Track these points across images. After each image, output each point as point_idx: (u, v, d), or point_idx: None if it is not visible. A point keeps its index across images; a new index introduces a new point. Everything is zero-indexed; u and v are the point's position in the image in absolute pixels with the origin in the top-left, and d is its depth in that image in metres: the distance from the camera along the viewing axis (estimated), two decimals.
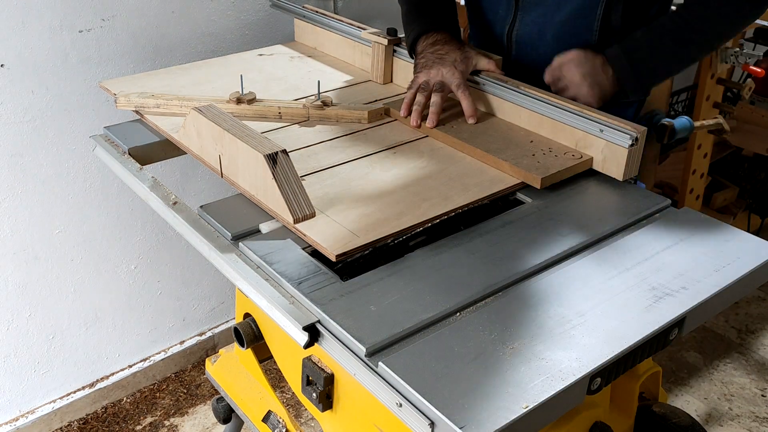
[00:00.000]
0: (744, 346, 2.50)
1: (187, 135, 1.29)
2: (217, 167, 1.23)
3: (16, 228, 1.89)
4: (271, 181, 1.08)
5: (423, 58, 1.45)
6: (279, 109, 1.43)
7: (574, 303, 0.97)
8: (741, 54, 2.29)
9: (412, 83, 1.43)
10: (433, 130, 1.36)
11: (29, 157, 1.84)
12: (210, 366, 1.48)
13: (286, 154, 1.09)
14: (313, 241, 1.05)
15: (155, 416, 2.22)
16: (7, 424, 2.06)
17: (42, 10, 1.73)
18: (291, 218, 1.08)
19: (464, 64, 1.41)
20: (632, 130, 1.20)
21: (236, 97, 1.43)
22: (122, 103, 1.45)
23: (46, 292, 2.01)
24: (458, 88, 1.39)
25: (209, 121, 1.20)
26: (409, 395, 0.83)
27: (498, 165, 1.25)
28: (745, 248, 1.08)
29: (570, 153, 1.27)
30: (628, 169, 1.22)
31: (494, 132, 1.35)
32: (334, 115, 1.43)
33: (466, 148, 1.30)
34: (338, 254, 1.02)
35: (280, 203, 1.09)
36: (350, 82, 1.63)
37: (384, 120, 1.44)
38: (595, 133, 1.24)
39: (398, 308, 0.95)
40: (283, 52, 1.78)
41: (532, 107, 1.34)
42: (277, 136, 1.37)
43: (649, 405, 1.25)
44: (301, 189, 1.10)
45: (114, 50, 1.87)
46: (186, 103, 1.41)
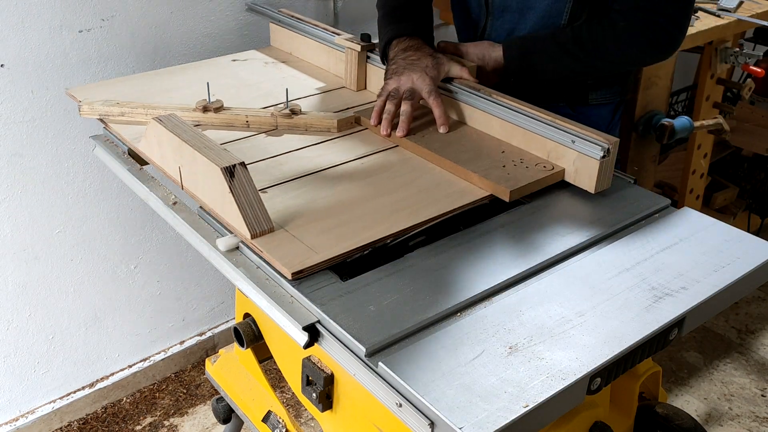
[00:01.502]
0: (744, 346, 2.50)
1: (149, 145, 1.26)
2: (177, 179, 1.19)
3: (16, 228, 1.89)
4: (228, 194, 1.05)
5: (394, 64, 1.42)
6: (246, 117, 1.39)
7: (574, 303, 0.97)
8: (741, 54, 2.29)
9: (382, 90, 1.40)
10: (403, 140, 1.33)
11: (29, 157, 1.84)
12: (210, 366, 1.48)
13: (245, 167, 1.06)
14: (269, 258, 1.02)
15: (155, 416, 2.22)
16: (7, 424, 2.06)
17: (42, 10, 1.73)
18: (248, 233, 1.05)
19: (436, 71, 1.39)
20: (604, 141, 1.16)
21: (203, 106, 1.39)
22: (86, 111, 1.41)
23: (46, 292, 2.01)
24: (429, 95, 1.36)
25: (169, 132, 1.16)
26: (408, 395, 0.83)
27: (467, 176, 1.22)
28: (745, 248, 1.08)
29: (541, 164, 1.23)
30: (600, 182, 1.18)
31: (465, 141, 1.32)
32: (302, 124, 1.39)
33: (436, 158, 1.27)
34: (294, 272, 0.98)
35: (237, 218, 1.05)
36: (323, 88, 1.59)
37: (354, 128, 1.41)
38: (566, 144, 1.21)
39: (398, 308, 0.95)
40: (258, 58, 1.75)
41: (504, 116, 1.31)
42: (244, 145, 1.34)
43: (651, 405, 1.24)
44: (260, 203, 1.06)
45: (114, 50, 1.87)
46: (151, 112, 1.38)
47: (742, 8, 2.34)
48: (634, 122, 2.03)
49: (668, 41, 1.37)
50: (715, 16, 2.24)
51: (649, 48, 1.37)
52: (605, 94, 1.56)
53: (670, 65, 2.03)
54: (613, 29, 1.36)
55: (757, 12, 2.31)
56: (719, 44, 2.29)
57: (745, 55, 2.28)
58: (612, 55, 1.38)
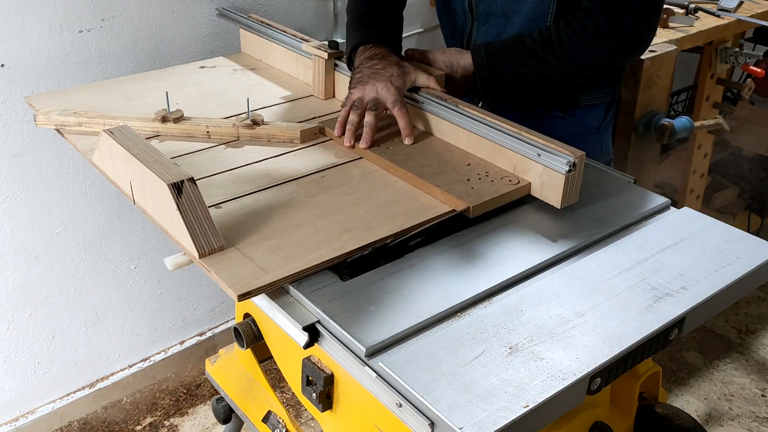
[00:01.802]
0: (744, 346, 2.50)
1: (102, 157, 1.22)
2: (129, 193, 1.16)
3: (17, 228, 1.89)
4: (176, 211, 1.01)
5: (359, 73, 1.38)
6: (207, 128, 1.36)
7: (574, 303, 0.97)
8: (741, 54, 2.29)
9: (346, 100, 1.36)
10: (367, 151, 1.29)
11: (29, 157, 1.84)
12: (210, 366, 1.48)
13: (194, 183, 1.02)
14: (216, 278, 0.99)
15: (155, 416, 2.22)
16: (7, 424, 2.06)
17: (42, 10, 1.73)
18: (196, 252, 1.02)
19: (401, 80, 1.35)
20: (570, 154, 1.12)
21: (162, 116, 1.36)
22: (41, 121, 1.37)
23: (46, 292, 2.01)
24: (394, 105, 1.32)
25: (119, 145, 1.12)
26: (408, 395, 0.83)
27: (430, 190, 1.18)
28: (745, 248, 1.08)
29: (507, 178, 1.19)
30: (566, 196, 1.14)
31: (431, 154, 1.28)
32: (264, 135, 1.36)
33: (399, 171, 1.23)
34: (240, 294, 0.95)
35: (185, 236, 1.02)
36: (291, 97, 1.56)
37: (319, 139, 1.37)
38: (532, 157, 1.17)
39: (398, 308, 0.95)
40: (226, 65, 1.72)
41: (471, 128, 1.27)
42: (203, 157, 1.31)
43: (651, 405, 1.24)
44: (209, 220, 1.03)
45: (114, 50, 1.87)
46: (109, 122, 1.34)
47: (742, 8, 2.34)
48: (634, 122, 2.03)
49: (637, 38, 1.34)
50: (715, 16, 2.24)
51: (617, 47, 1.34)
52: (596, 94, 1.54)
53: (671, 65, 2.03)
54: (582, 30, 1.33)
55: (757, 12, 2.31)
56: (719, 44, 2.29)
57: (745, 55, 2.28)
58: (582, 56, 1.35)
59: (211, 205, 1.13)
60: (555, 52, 1.34)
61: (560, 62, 1.35)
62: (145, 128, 1.37)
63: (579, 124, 1.56)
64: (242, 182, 1.23)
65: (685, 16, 2.20)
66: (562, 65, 1.36)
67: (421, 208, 1.15)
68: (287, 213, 1.13)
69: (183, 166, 1.16)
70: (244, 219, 1.12)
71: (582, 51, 1.34)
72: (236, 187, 1.21)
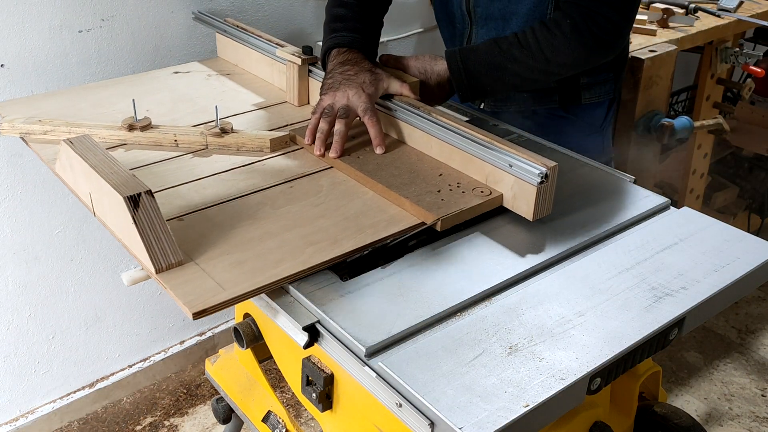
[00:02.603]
0: (744, 346, 2.50)
1: (63, 167, 1.18)
2: (89, 205, 1.12)
3: (16, 228, 1.89)
4: (132, 225, 0.98)
5: (330, 79, 1.35)
6: (175, 136, 1.32)
7: (574, 303, 0.97)
8: (741, 54, 2.29)
9: (317, 107, 1.32)
10: (337, 161, 1.26)
11: (29, 157, 1.84)
12: (210, 366, 1.48)
13: (151, 196, 0.99)
14: (172, 295, 0.96)
15: (155, 416, 2.22)
16: (7, 424, 2.06)
17: (42, 10, 1.73)
18: (152, 267, 0.98)
19: (373, 87, 1.31)
20: (542, 165, 1.08)
21: (128, 124, 1.33)
22: (6, 129, 1.34)
23: (46, 292, 2.01)
24: (365, 113, 1.29)
25: (78, 155, 1.09)
26: (408, 395, 0.83)
27: (400, 202, 1.15)
28: (745, 248, 1.08)
29: (479, 189, 1.16)
30: (538, 208, 1.10)
31: (402, 164, 1.25)
32: (234, 143, 1.32)
33: (369, 182, 1.20)
34: (195, 312, 0.92)
35: (142, 250, 0.99)
36: (264, 103, 1.52)
37: (289, 148, 1.33)
38: (504, 168, 1.13)
39: (398, 308, 0.95)
40: (200, 70, 1.68)
41: (443, 137, 1.23)
42: (169, 166, 1.27)
43: (650, 405, 1.24)
44: (167, 235, 0.99)
45: (114, 50, 1.87)
46: (75, 130, 1.30)
47: (742, 8, 2.34)
48: (634, 122, 2.03)
49: (614, 32, 1.32)
50: (715, 16, 2.24)
51: (595, 43, 1.31)
52: (598, 92, 1.54)
53: (671, 65, 2.03)
54: (558, 28, 1.31)
55: (757, 12, 2.31)
56: (719, 44, 2.29)
57: (745, 55, 2.28)
58: (560, 55, 1.31)
59: (173, 218, 1.10)
60: (533, 52, 1.31)
61: (539, 63, 1.32)
62: (112, 136, 1.33)
63: (581, 123, 1.56)
64: (207, 193, 1.19)
65: (685, 16, 2.20)
66: (541, 65, 1.33)
67: (389, 220, 1.12)
68: (252, 225, 1.10)
69: (146, 177, 1.15)
70: (207, 232, 1.08)
71: (560, 49, 1.31)
72: (200, 198, 1.17)
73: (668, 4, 2.24)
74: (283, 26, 2.13)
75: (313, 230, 1.09)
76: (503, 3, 1.43)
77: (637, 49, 1.98)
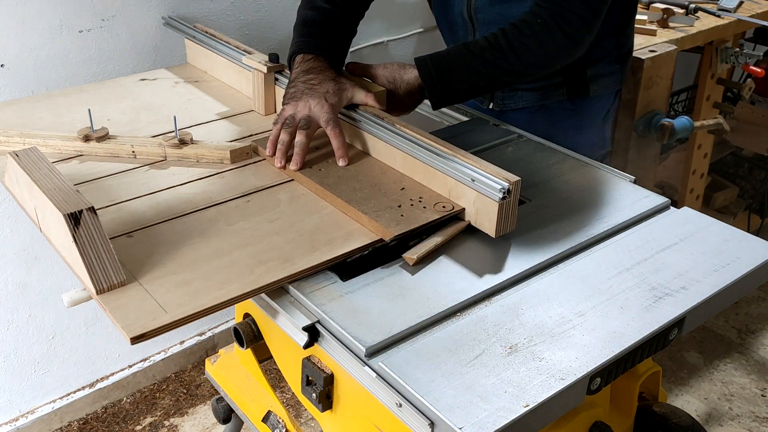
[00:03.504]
0: (744, 346, 2.50)
1: (11, 181, 1.14)
2: (35, 220, 1.08)
3: (16, 228, 1.89)
4: (72, 244, 0.94)
5: (293, 88, 1.31)
6: (132, 147, 1.29)
7: (574, 303, 0.97)
8: (741, 54, 2.29)
9: (279, 117, 1.29)
10: (298, 174, 1.23)
11: None
12: (210, 366, 1.48)
13: (94, 213, 0.95)
14: (111, 318, 0.92)
15: (155, 416, 2.22)
16: (7, 424, 2.06)
17: (42, 10, 1.73)
18: (93, 288, 0.95)
19: (336, 97, 1.28)
20: (504, 180, 1.05)
21: (84, 134, 1.29)
22: None
23: (46, 292, 2.01)
24: (327, 123, 1.25)
25: (22, 170, 1.05)
26: (408, 395, 0.83)
27: (358, 217, 1.11)
28: (745, 248, 1.08)
29: (441, 204, 1.13)
30: (500, 225, 1.06)
31: (364, 177, 1.21)
32: (193, 155, 1.28)
33: (329, 196, 1.16)
34: (134, 336, 0.89)
35: (82, 270, 0.95)
36: (229, 113, 1.48)
37: (251, 159, 1.30)
38: (466, 183, 1.10)
39: (398, 308, 0.95)
40: (168, 77, 1.65)
41: (406, 149, 1.20)
42: (124, 179, 1.23)
43: (650, 405, 1.25)
44: (110, 254, 0.95)
45: (114, 50, 1.87)
46: (29, 141, 1.26)
47: (742, 8, 2.34)
48: (634, 122, 2.03)
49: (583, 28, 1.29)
50: (715, 16, 2.24)
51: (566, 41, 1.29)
52: (605, 83, 1.54)
53: (671, 65, 2.03)
54: (529, 28, 1.28)
55: (757, 12, 2.31)
56: (719, 44, 2.29)
57: (745, 55, 2.28)
58: (533, 54, 1.29)
59: (122, 234, 1.07)
60: (505, 54, 1.28)
61: (512, 64, 1.29)
62: (68, 147, 1.30)
63: (586, 116, 1.57)
64: (160, 208, 1.15)
65: (685, 16, 2.20)
66: (514, 66, 1.30)
67: (346, 236, 1.08)
68: (202, 243, 1.06)
69: (98, 191, 1.11)
70: (155, 250, 1.04)
71: (532, 49, 1.29)
72: (152, 213, 1.13)
73: (668, 4, 2.24)
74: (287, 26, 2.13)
75: (266, 248, 1.05)
76: (504, 7, 1.42)
77: (637, 49, 1.98)
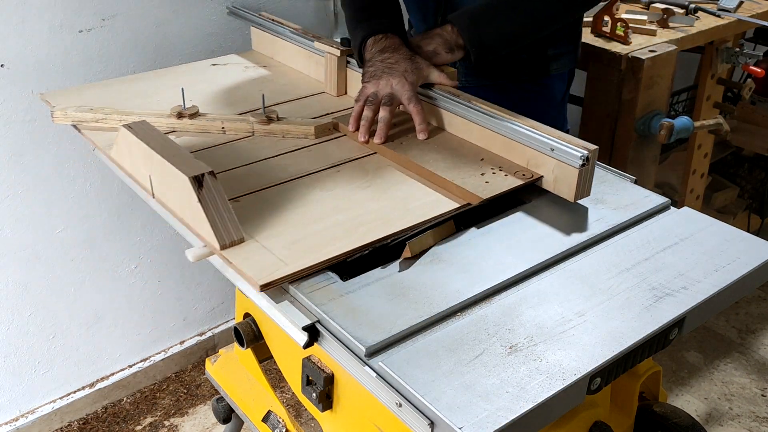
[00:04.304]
0: (744, 346, 2.50)
1: (120, 152, 1.23)
2: (148, 187, 1.17)
3: (17, 228, 1.89)
4: (197, 204, 1.03)
5: (371, 67, 1.37)
6: (222, 123, 1.37)
7: (574, 303, 0.97)
8: (741, 54, 2.29)
9: (360, 95, 1.36)
10: (381, 147, 1.31)
11: (30, 157, 1.84)
12: (210, 366, 1.48)
13: (214, 176, 1.04)
14: (238, 269, 1.00)
15: (155, 416, 2.22)
16: (7, 424, 2.06)
17: (42, 9, 1.73)
18: (217, 244, 1.03)
19: (415, 75, 1.35)
20: (583, 148, 1.13)
21: (177, 111, 1.37)
22: (59, 117, 1.39)
23: (46, 291, 2.01)
24: (409, 101, 1.33)
25: (138, 139, 1.14)
26: (408, 395, 0.83)
27: (444, 185, 1.19)
28: (745, 248, 1.08)
29: (521, 172, 1.21)
30: (579, 190, 1.15)
31: (444, 149, 1.29)
32: (279, 131, 1.37)
33: (414, 166, 1.24)
34: (262, 284, 0.96)
35: (206, 228, 1.03)
36: (303, 94, 1.56)
37: (332, 135, 1.38)
38: (545, 152, 1.18)
39: (398, 308, 0.95)
40: (238, 62, 1.72)
41: (484, 123, 1.28)
42: (218, 152, 1.32)
43: (650, 405, 1.25)
44: (230, 213, 1.04)
45: (114, 50, 1.87)
46: (125, 118, 1.35)
47: (742, 8, 2.34)
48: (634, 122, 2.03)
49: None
50: (715, 16, 2.24)
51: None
52: (563, 62, 1.61)
53: (671, 65, 2.03)
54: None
55: (757, 12, 2.31)
56: (719, 44, 2.29)
57: (746, 55, 2.28)
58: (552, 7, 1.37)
59: (229, 199, 1.13)
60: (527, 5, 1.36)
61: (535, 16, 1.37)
62: (161, 124, 1.37)
63: (547, 95, 1.63)
64: (259, 177, 1.23)
65: (686, 16, 2.20)
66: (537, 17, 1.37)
67: (435, 201, 1.16)
68: (304, 207, 1.15)
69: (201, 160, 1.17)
70: (262, 213, 1.13)
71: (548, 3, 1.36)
72: (252, 181, 1.22)
73: (668, 4, 2.24)
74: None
75: (364, 211, 1.13)
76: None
77: (637, 49, 1.98)
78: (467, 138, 1.33)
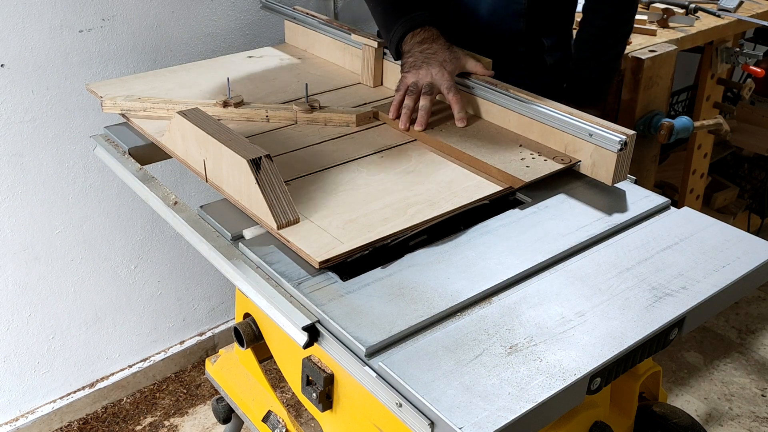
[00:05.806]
0: (744, 346, 2.50)
1: (172, 139, 1.28)
2: (201, 172, 1.22)
3: (16, 228, 1.89)
4: (255, 186, 1.07)
5: (411, 57, 1.42)
6: (266, 112, 1.42)
7: (574, 303, 0.97)
8: (741, 54, 2.29)
9: (400, 84, 1.41)
10: (421, 134, 1.35)
11: (29, 157, 1.84)
12: (210, 366, 1.48)
13: (270, 159, 1.08)
14: (297, 247, 1.04)
15: (155, 416, 2.22)
16: (7, 424, 2.06)
17: (42, 10, 1.73)
18: (275, 224, 1.07)
19: (453, 65, 1.40)
20: (621, 134, 1.17)
21: (223, 101, 1.42)
22: (108, 106, 1.44)
23: (46, 292, 2.01)
24: (449, 90, 1.37)
25: (193, 125, 1.19)
26: (408, 395, 0.83)
27: (486, 169, 1.24)
28: (745, 248, 1.08)
29: (559, 157, 1.26)
30: (617, 174, 1.20)
31: (483, 136, 1.34)
32: (322, 119, 1.41)
33: (455, 152, 1.29)
34: (321, 261, 1.01)
35: (264, 209, 1.08)
36: (340, 85, 1.61)
37: (372, 123, 1.43)
38: (584, 137, 1.23)
39: (398, 308, 0.95)
40: (273, 55, 1.76)
41: (521, 111, 1.33)
42: (264, 139, 1.36)
43: (650, 405, 1.25)
44: (286, 194, 1.09)
45: (114, 50, 1.87)
46: (172, 107, 1.39)
47: (742, 8, 2.34)
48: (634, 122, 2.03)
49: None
50: (715, 16, 2.24)
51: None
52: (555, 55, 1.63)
53: (671, 65, 2.03)
54: None
55: (757, 12, 2.31)
56: (719, 44, 2.29)
57: (746, 55, 2.28)
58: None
59: None
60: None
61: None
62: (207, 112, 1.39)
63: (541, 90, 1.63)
64: (305, 162, 1.27)
65: (686, 16, 2.20)
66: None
67: (478, 185, 1.20)
68: (352, 190, 1.19)
69: None
70: (313, 195, 1.17)
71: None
72: (300, 166, 1.26)
73: (668, 4, 2.24)
74: None
75: (411, 194, 1.17)
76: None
77: (637, 49, 1.98)
78: (505, 125, 1.37)
